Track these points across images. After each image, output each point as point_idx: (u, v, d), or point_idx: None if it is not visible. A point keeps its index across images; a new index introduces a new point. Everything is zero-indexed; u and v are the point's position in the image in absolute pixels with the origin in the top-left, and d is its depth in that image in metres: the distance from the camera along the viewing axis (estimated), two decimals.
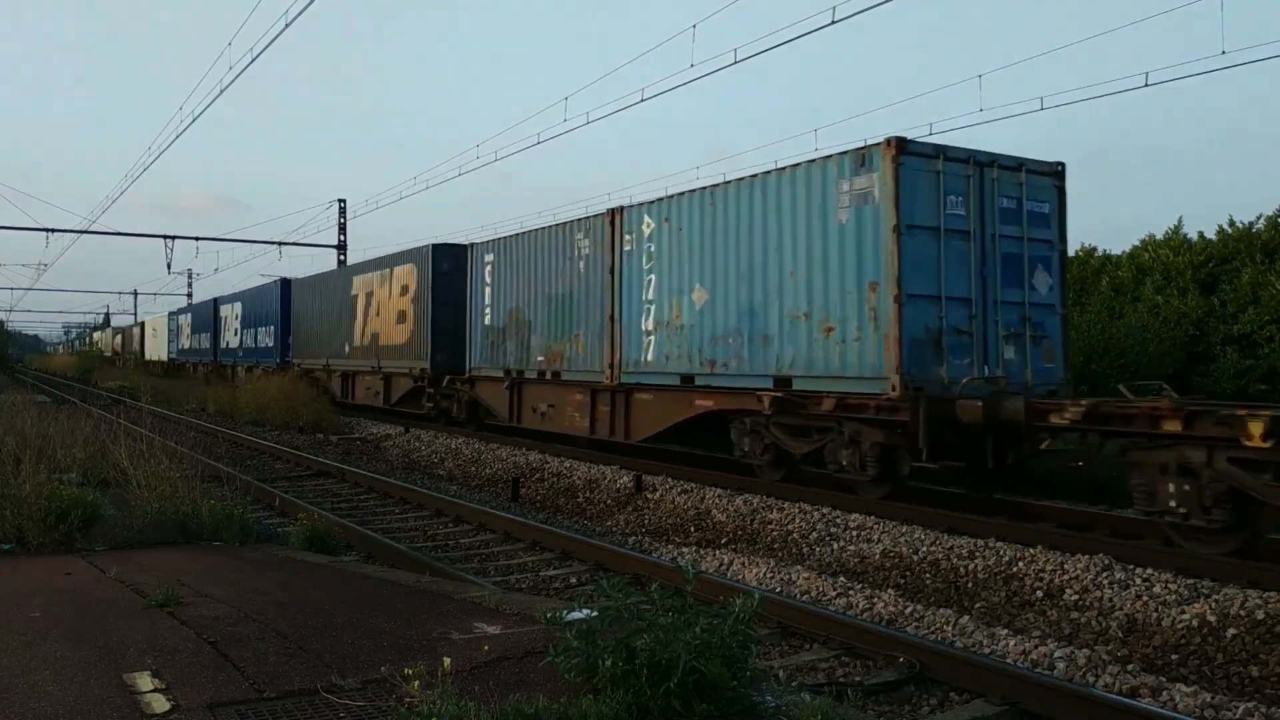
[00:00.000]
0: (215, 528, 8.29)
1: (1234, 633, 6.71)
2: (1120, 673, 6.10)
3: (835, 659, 6.32)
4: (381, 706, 3.87)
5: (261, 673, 4.33)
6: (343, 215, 38.05)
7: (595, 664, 3.81)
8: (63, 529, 7.69)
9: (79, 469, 10.19)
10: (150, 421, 14.58)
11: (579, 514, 12.90)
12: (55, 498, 7.82)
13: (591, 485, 13.83)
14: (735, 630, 3.94)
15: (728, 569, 9.27)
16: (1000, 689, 5.52)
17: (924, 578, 8.74)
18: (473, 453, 17.72)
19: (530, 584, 8.63)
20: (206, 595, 5.91)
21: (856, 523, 10.31)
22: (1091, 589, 7.77)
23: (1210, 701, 5.66)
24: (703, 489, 12.53)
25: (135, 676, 4.26)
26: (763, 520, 11.00)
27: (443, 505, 12.19)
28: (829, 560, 9.53)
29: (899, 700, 5.65)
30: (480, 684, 4.05)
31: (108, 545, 7.81)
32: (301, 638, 4.92)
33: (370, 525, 11.05)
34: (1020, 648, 6.66)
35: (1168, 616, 7.11)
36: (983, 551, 8.87)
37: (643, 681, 3.70)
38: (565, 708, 3.60)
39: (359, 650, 4.69)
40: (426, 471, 17.11)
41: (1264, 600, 6.98)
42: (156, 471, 8.82)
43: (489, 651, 4.60)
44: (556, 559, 9.55)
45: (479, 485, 15.46)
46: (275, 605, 5.70)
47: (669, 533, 11.41)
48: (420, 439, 20.23)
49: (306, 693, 4.07)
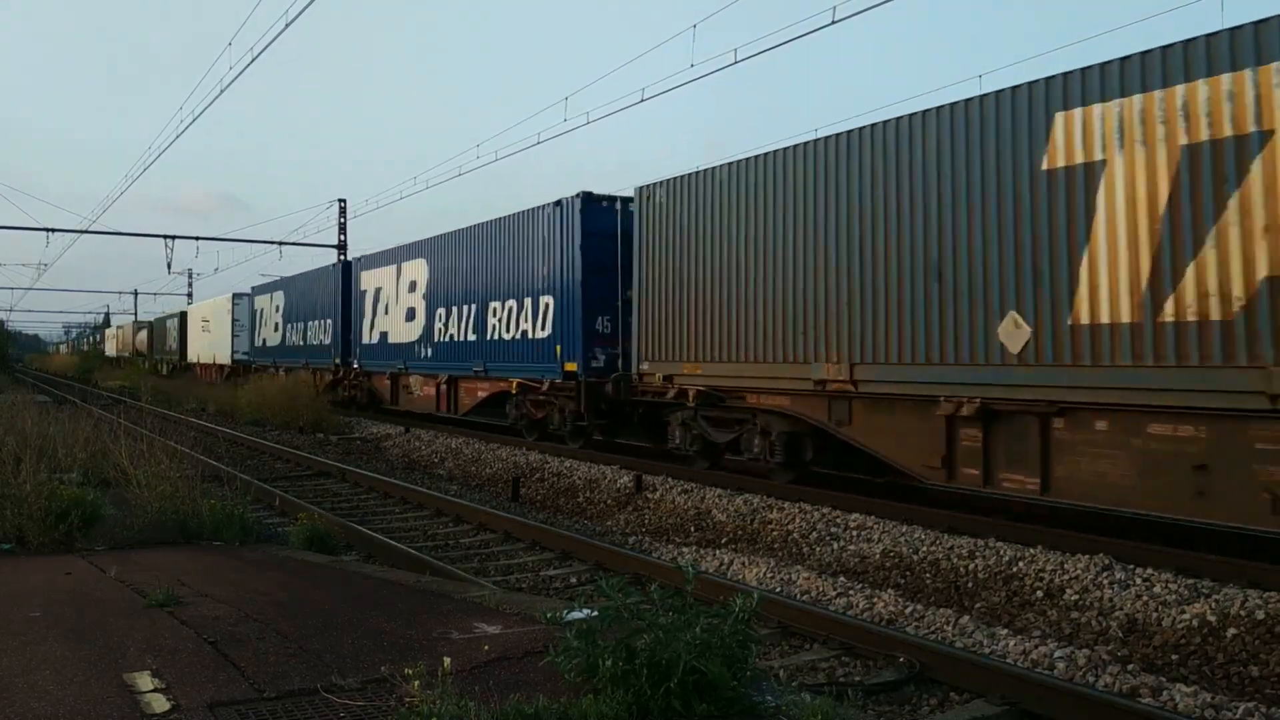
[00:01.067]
0: (215, 528, 8.29)
1: (1234, 633, 6.71)
2: (1120, 673, 6.10)
3: (835, 659, 6.33)
4: (381, 706, 3.87)
5: (261, 672, 4.33)
6: (343, 215, 38.06)
7: (595, 664, 3.81)
8: (63, 529, 7.70)
9: (79, 469, 10.20)
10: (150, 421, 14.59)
11: (579, 514, 12.90)
12: (55, 497, 7.82)
13: (591, 485, 13.83)
14: (735, 630, 3.94)
15: (728, 569, 9.27)
16: (1000, 689, 5.53)
17: (924, 578, 8.74)
18: (473, 453, 17.72)
19: (530, 584, 8.64)
20: (207, 595, 5.91)
21: (856, 522, 10.32)
22: (1091, 589, 7.77)
23: (1210, 701, 5.66)
24: (703, 489, 12.54)
25: (135, 676, 4.26)
26: (763, 520, 11.00)
27: (443, 505, 12.20)
28: (829, 560, 9.53)
29: (899, 700, 5.65)
30: (480, 684, 4.05)
31: (108, 545, 7.82)
32: (301, 637, 4.92)
33: (370, 525, 11.06)
34: (1020, 648, 6.66)
35: (1168, 616, 7.11)
36: (983, 551, 8.87)
37: (643, 681, 3.70)
38: (565, 708, 3.60)
39: (359, 650, 4.69)
40: (427, 471, 17.11)
41: (1264, 600, 6.98)
42: (157, 471, 8.82)
43: (489, 651, 4.60)
44: (556, 559, 9.55)
45: (479, 485, 15.47)
46: (275, 605, 5.70)
47: (669, 533, 11.41)
48: (420, 439, 20.24)
49: (306, 693, 4.07)
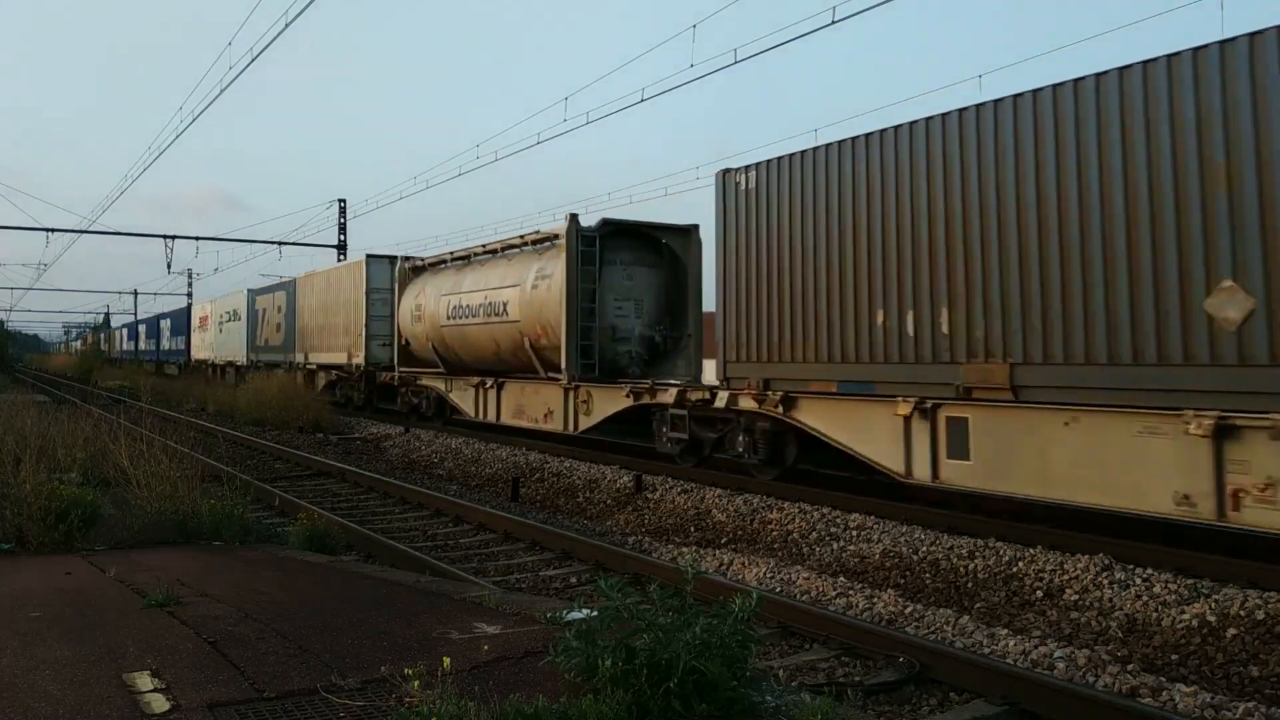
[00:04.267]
0: (215, 527, 8.29)
1: (1234, 633, 6.71)
2: (1120, 673, 6.10)
3: (835, 659, 6.32)
4: (381, 706, 3.87)
5: (261, 672, 4.33)
6: (343, 215, 38.07)
7: (595, 664, 3.81)
8: (63, 529, 7.70)
9: (79, 469, 10.19)
10: (150, 421, 14.59)
11: (579, 514, 12.89)
12: (55, 497, 7.82)
13: (591, 485, 13.83)
14: (735, 630, 3.94)
15: (728, 569, 9.26)
16: (1000, 689, 5.52)
17: (924, 578, 8.74)
18: (473, 453, 17.72)
19: (530, 584, 8.63)
20: (206, 595, 5.91)
21: (856, 523, 10.32)
22: (1091, 589, 7.77)
23: (1210, 701, 5.66)
24: (703, 489, 12.54)
25: (135, 676, 4.26)
26: (762, 520, 11.00)
27: (443, 505, 12.19)
28: (829, 560, 9.53)
29: (899, 700, 5.65)
30: (480, 684, 4.05)
31: (108, 545, 7.82)
32: (301, 637, 4.92)
33: (370, 525, 11.06)
34: (1020, 648, 6.66)
35: (1168, 616, 7.11)
36: (983, 551, 8.87)
37: (642, 681, 3.69)
38: (565, 708, 3.60)
39: (359, 650, 4.69)
40: (426, 471, 17.10)
41: (1264, 600, 6.98)
42: (156, 471, 8.82)
43: (489, 651, 4.60)
44: (556, 559, 9.55)
45: (479, 485, 15.46)
46: (275, 605, 5.70)
47: (669, 533, 11.40)
48: (420, 439, 20.24)
49: (306, 693, 4.07)
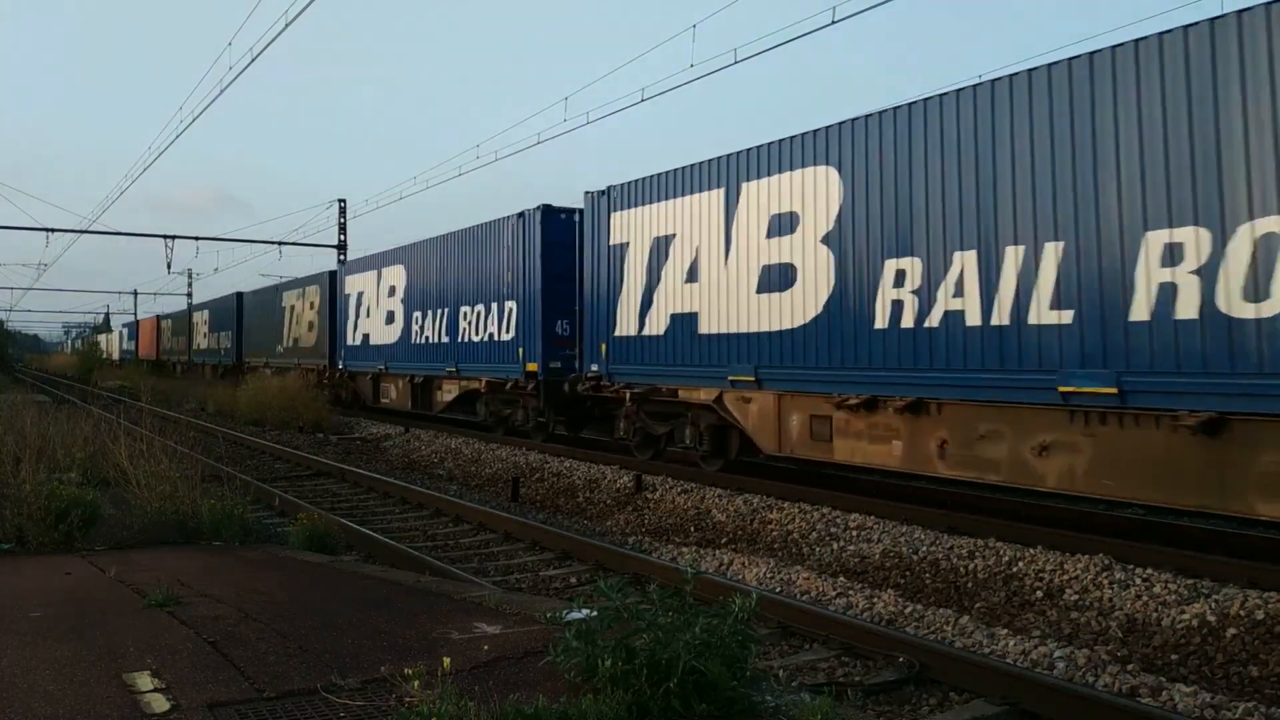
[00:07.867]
0: (215, 527, 8.29)
1: (1234, 633, 6.71)
2: (1120, 673, 6.10)
3: (835, 659, 6.32)
4: (381, 706, 3.87)
5: (261, 672, 4.33)
6: (343, 215, 38.03)
7: (595, 664, 3.81)
8: (63, 529, 7.70)
9: (79, 469, 10.19)
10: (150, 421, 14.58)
11: (579, 514, 12.89)
12: (55, 497, 7.82)
13: (591, 485, 13.83)
14: (735, 630, 3.94)
15: (728, 569, 9.26)
16: (1000, 689, 5.52)
17: (924, 578, 8.74)
18: (473, 453, 17.72)
19: (530, 584, 8.63)
20: (206, 595, 5.91)
21: (856, 523, 10.32)
22: (1091, 589, 7.76)
23: (1210, 701, 5.66)
24: (703, 489, 12.53)
25: (135, 676, 4.26)
26: (763, 520, 11.00)
27: (442, 505, 12.19)
28: (829, 560, 9.52)
29: (899, 700, 5.65)
30: (480, 684, 4.05)
31: (108, 545, 7.82)
32: (301, 637, 4.92)
33: (370, 525, 11.06)
34: (1020, 648, 6.66)
35: (1168, 616, 7.11)
36: (983, 551, 8.87)
37: (642, 681, 3.69)
38: (565, 708, 3.60)
39: (359, 650, 4.69)
40: (426, 471, 17.10)
41: (1264, 600, 6.98)
42: (156, 471, 8.82)
43: (489, 651, 4.60)
44: (556, 559, 9.54)
45: (479, 485, 15.46)
46: (275, 605, 5.70)
47: (669, 533, 11.40)
48: (420, 439, 20.23)
49: (306, 692, 4.07)
